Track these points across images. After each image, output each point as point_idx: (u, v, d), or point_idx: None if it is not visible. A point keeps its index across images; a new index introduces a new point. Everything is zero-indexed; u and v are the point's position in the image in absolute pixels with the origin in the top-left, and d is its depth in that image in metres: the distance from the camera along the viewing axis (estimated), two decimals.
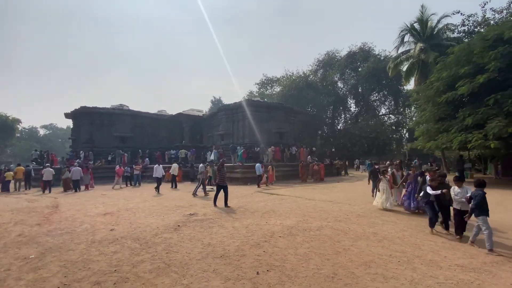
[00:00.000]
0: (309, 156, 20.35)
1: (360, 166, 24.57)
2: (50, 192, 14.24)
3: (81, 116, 23.70)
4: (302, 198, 10.71)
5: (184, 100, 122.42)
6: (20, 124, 47.35)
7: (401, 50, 24.57)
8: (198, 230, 6.33)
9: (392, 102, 37.67)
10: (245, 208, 8.66)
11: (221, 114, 23.53)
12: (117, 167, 16.36)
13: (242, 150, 18.22)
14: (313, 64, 42.26)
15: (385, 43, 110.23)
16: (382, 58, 35.98)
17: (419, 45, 21.04)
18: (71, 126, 24.95)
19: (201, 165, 13.33)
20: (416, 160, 19.69)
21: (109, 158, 21.92)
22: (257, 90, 45.71)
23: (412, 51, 22.35)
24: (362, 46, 38.14)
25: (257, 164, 14.88)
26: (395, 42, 24.60)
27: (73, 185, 14.59)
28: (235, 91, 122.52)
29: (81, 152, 21.28)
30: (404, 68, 24.48)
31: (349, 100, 40.55)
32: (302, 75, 38.27)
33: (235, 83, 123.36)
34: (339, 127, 41.50)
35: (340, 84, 40.54)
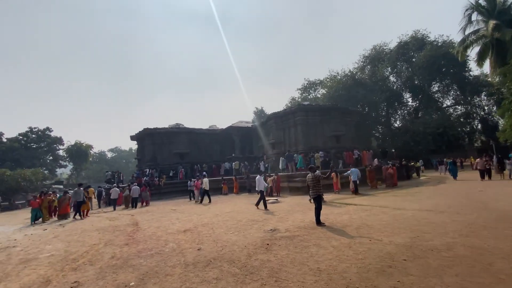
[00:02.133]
0: (376, 159, 18.74)
1: (439, 166, 22.01)
2: (114, 209, 15.63)
3: (144, 137, 25.68)
4: (389, 208, 9.48)
5: (230, 114, 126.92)
6: (92, 149, 53.14)
7: (468, 31, 21.84)
8: (294, 250, 5.64)
9: (458, 92, 33.74)
10: (330, 223, 7.79)
11: (270, 122, 23.16)
12: (194, 181, 17.26)
13: (301, 155, 17.62)
14: (359, 61, 40.26)
15: (441, 28, 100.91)
16: (439, 44, 32.71)
17: (492, 22, 18.37)
18: (134, 148, 27.04)
19: (259, 177, 12.69)
20: None
21: (171, 174, 23.18)
22: (299, 96, 44.79)
23: (483, 31, 19.68)
24: (413, 35, 35.25)
25: (354, 169, 14.12)
26: (461, 23, 21.87)
27: (132, 202, 16.07)
28: (277, 100, 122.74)
29: (147, 170, 22.62)
30: (473, 51, 21.65)
31: (405, 94, 37.52)
32: (349, 74, 36.47)
33: (276, 92, 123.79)
34: (396, 125, 38.47)
35: (392, 78, 37.84)
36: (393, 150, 29.96)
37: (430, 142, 29.86)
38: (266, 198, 13.02)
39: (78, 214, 12.96)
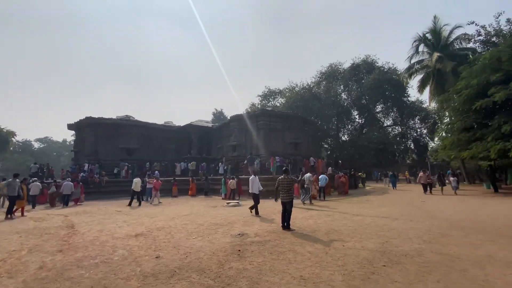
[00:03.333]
0: (330, 168, 19.41)
1: (384, 178, 23.65)
2: (33, 207, 13.28)
3: (85, 127, 22.44)
4: (349, 214, 9.68)
5: (187, 113, 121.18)
6: (14, 137, 45.00)
7: (414, 60, 24.36)
8: (270, 257, 5.16)
9: (397, 114, 37.52)
10: (298, 227, 7.54)
11: (233, 124, 22.68)
12: (154, 180, 15.29)
13: (279, 159, 17.54)
14: (316, 76, 42.10)
15: (389, 56, 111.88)
16: (385, 70, 36.08)
17: (436, 54, 20.83)
18: (70, 139, 23.73)
19: (308, 174, 13.00)
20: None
21: (115, 171, 20.45)
22: (259, 102, 45.16)
23: (427, 61, 22.15)
24: (365, 58, 38.33)
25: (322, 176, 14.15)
26: (409, 52, 24.38)
27: (64, 200, 14.03)
28: (237, 104, 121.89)
29: (85, 164, 19.74)
30: (415, 79, 24.23)
31: (353, 111, 40.31)
32: (307, 87, 38.01)
33: (236, 96, 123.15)
34: (343, 138, 41.03)
35: (344, 96, 40.40)
36: (340, 161, 31.75)
37: (373, 156, 32.46)
38: (227, 201, 12.49)
39: (10, 214, 10.50)
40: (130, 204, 13.26)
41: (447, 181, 15.17)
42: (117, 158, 22.65)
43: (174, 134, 26.91)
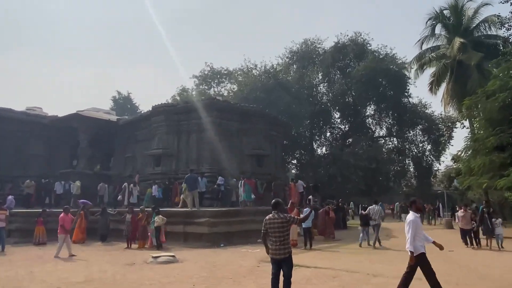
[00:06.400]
0: (311, 197, 19.41)
1: (401, 214, 24.43)
2: None
3: None
4: (361, 273, 9.39)
5: (65, 94, 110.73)
6: None
7: (426, 45, 26.00)
8: None
9: (394, 121, 40.00)
10: None
11: (156, 120, 21.72)
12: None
13: (244, 182, 17.62)
14: (284, 56, 42.81)
15: (388, 36, 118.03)
16: (381, 56, 38.19)
17: (458, 40, 22.45)
18: None
19: (375, 206, 14.59)
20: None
21: None
22: (195, 87, 44.10)
23: (444, 48, 23.83)
24: (354, 37, 40.00)
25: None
26: (422, 33, 25.84)
27: None
28: (156, 86, 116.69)
29: None
30: (426, 72, 25.85)
31: (334, 112, 41.87)
32: (271, 70, 38.08)
33: (154, 73, 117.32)
34: (319, 152, 42.06)
35: (322, 88, 41.63)
36: (318, 185, 32.26)
37: (361, 180, 33.60)
38: (153, 254, 11.65)
39: None
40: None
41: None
42: None
43: (46, 130, 25.55)
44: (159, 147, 21.38)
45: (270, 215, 6.65)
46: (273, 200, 6.96)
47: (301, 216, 13.24)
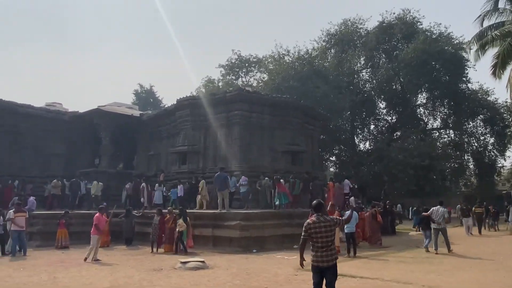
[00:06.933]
0: (352, 198, 19.56)
1: (463, 218, 23.58)
2: None
3: None
4: (414, 284, 9.34)
5: (85, 89, 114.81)
6: None
7: (486, 23, 25.25)
8: None
9: (450, 110, 39.29)
10: None
11: (182, 113, 22.17)
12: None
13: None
14: (320, 40, 42.70)
15: (441, 14, 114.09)
16: (434, 36, 37.38)
17: None
18: None
19: (439, 208, 14.43)
20: None
21: None
22: (221, 77, 44.67)
23: (510, 25, 23.02)
24: (402, 15, 39.50)
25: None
26: (482, 8, 25.04)
27: None
28: (181, 78, 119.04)
29: None
30: (489, 53, 25.07)
31: (379, 102, 41.62)
32: (305, 56, 38.12)
33: (178, 65, 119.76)
34: (361, 147, 41.82)
35: (365, 75, 41.34)
36: (355, 186, 32.12)
37: (411, 179, 33.13)
38: (182, 259, 12.04)
39: None
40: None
41: None
42: None
43: (66, 127, 26.19)
44: (184, 144, 21.65)
45: (313, 217, 6.80)
46: (315, 201, 7.11)
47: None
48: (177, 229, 14.63)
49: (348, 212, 13.88)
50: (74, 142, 26.70)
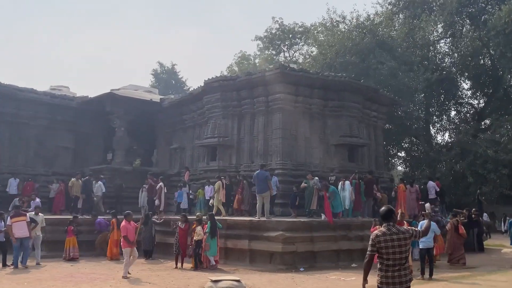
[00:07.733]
0: (428, 204, 19.35)
1: None
2: None
3: None
4: None
5: (97, 70, 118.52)
6: None
7: None
8: None
9: None
10: None
11: (211, 98, 22.49)
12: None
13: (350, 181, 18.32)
14: (384, 2, 41.70)
15: None
16: None
17: None
18: None
19: None
20: None
21: None
22: (259, 52, 44.87)
23: None
24: None
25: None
26: None
27: None
28: (205, 52, 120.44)
29: None
30: None
31: (463, 81, 40.48)
32: (366, 23, 37.45)
33: (203, 36, 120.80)
34: (438, 139, 40.87)
35: (444, 47, 40.03)
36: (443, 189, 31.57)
37: (504, 180, 31.86)
38: (213, 277, 12.09)
39: None
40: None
41: None
42: None
43: (74, 115, 27.03)
44: (214, 135, 21.88)
45: (383, 228, 6.48)
46: (384, 208, 6.79)
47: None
48: (194, 238, 14.99)
49: (423, 222, 13.48)
50: (83, 133, 27.46)
